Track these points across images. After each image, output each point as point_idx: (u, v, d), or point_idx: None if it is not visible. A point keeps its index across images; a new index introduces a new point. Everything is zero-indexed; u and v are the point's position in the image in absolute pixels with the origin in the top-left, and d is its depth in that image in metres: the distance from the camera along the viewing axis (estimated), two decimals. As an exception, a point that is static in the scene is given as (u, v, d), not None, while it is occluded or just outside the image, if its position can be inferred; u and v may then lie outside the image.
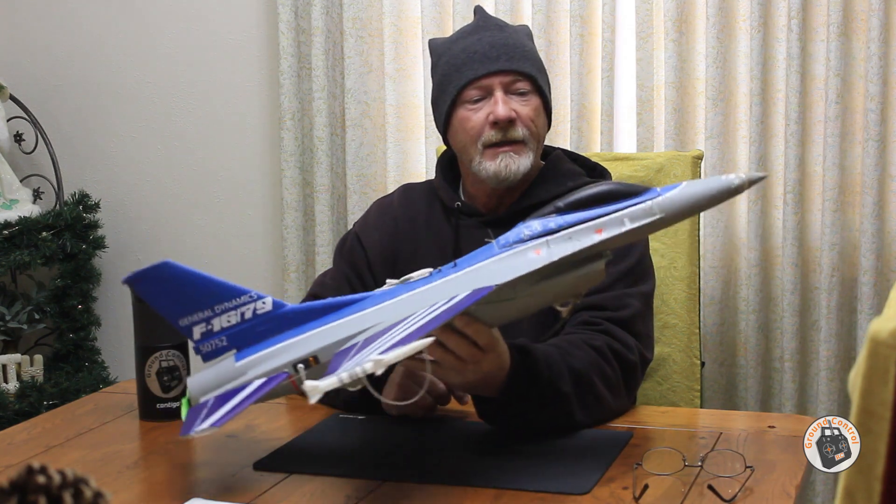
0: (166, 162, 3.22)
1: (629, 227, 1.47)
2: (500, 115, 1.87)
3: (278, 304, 1.53)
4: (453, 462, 1.62)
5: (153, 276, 1.52)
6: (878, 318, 0.91)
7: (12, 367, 2.97)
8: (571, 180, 1.99)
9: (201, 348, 1.53)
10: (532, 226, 1.49)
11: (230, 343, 1.52)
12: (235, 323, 1.52)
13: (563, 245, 1.47)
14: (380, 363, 1.31)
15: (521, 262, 1.48)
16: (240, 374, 1.51)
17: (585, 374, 1.70)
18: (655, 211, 1.46)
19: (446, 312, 1.42)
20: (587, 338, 1.76)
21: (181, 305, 1.52)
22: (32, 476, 0.89)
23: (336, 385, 1.31)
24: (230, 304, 1.52)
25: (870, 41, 2.52)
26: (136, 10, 3.19)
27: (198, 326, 1.52)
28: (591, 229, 1.47)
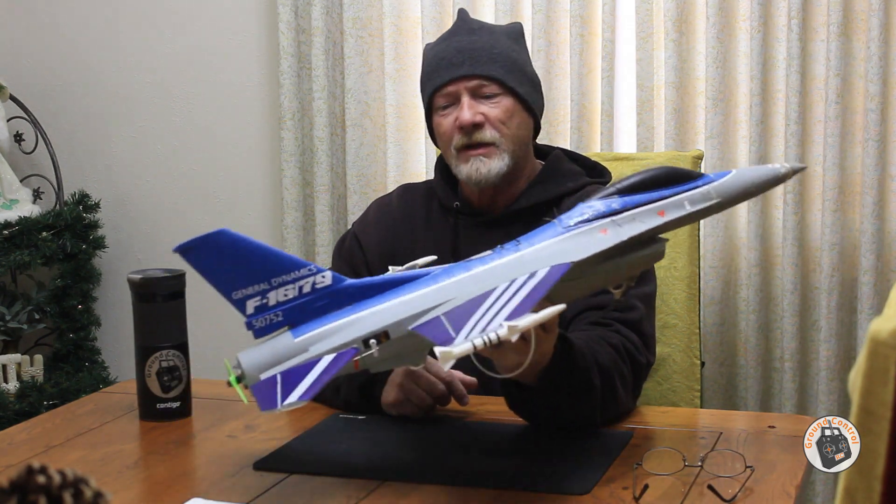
0: (166, 162, 3.22)
1: (689, 209, 1.49)
2: (463, 120, 1.90)
3: (338, 278, 1.45)
4: (453, 462, 1.62)
5: (207, 245, 1.44)
6: (878, 318, 0.91)
7: (12, 367, 2.97)
8: (571, 180, 1.99)
9: (254, 323, 1.44)
10: (594, 206, 1.48)
11: (286, 318, 1.44)
12: (293, 297, 1.43)
13: (630, 226, 1.47)
14: (514, 329, 1.28)
15: (591, 241, 1.46)
16: (300, 351, 1.42)
17: (608, 371, 1.70)
18: (713, 195, 1.49)
19: (541, 287, 1.38)
20: (604, 335, 1.76)
21: (235, 277, 1.43)
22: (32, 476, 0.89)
23: (469, 351, 1.28)
24: (288, 278, 1.43)
25: (870, 41, 2.52)
26: (136, 10, 3.19)
27: (252, 300, 1.43)
28: (654, 211, 1.48)
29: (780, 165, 1.54)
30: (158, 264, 3.06)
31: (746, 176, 1.52)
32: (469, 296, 1.41)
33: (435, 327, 1.38)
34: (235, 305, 1.45)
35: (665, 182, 1.50)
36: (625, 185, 1.50)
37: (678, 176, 1.51)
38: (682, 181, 1.50)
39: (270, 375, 1.41)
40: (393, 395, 1.77)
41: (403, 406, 1.77)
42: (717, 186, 1.50)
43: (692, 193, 1.49)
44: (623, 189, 1.49)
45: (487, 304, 1.37)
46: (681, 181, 1.50)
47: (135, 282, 1.84)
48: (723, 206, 1.51)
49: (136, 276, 1.84)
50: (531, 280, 1.40)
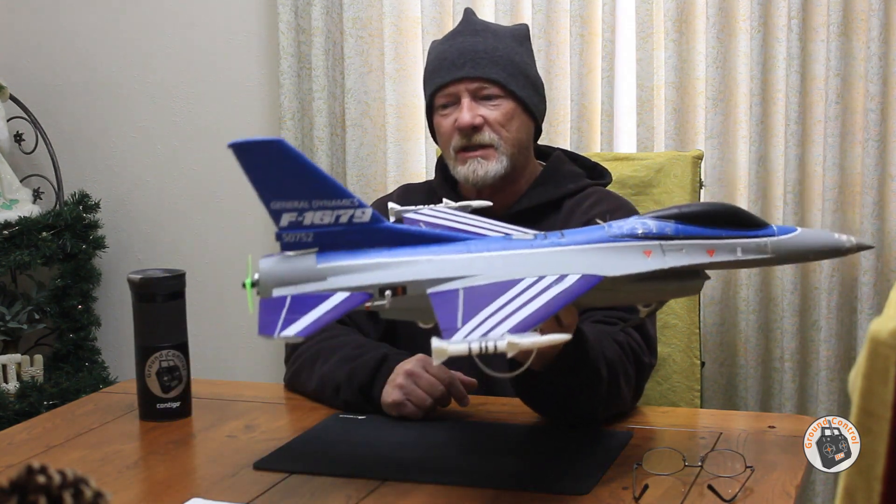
0: (166, 162, 3.22)
1: (739, 257, 1.45)
2: (463, 122, 1.90)
3: (377, 217, 1.44)
4: (453, 462, 1.62)
5: (262, 150, 1.43)
6: (878, 318, 0.91)
7: (12, 367, 2.97)
8: (572, 182, 2.00)
9: (284, 237, 1.43)
10: (647, 224, 1.45)
11: (315, 241, 1.42)
12: (328, 223, 1.42)
13: (675, 255, 1.44)
14: (515, 346, 1.24)
15: (632, 260, 1.43)
16: (319, 278, 1.41)
17: (614, 366, 1.70)
18: (768, 250, 1.45)
19: (564, 297, 1.36)
20: (610, 331, 1.76)
21: (279, 188, 1.42)
22: (32, 476, 0.89)
23: (464, 353, 1.25)
24: (329, 203, 1.42)
25: (870, 41, 2.52)
26: (136, 10, 3.19)
27: (288, 214, 1.42)
28: (704, 248, 1.44)
29: (847, 238, 1.48)
30: (158, 264, 3.08)
31: (808, 239, 1.47)
32: (495, 277, 1.40)
33: (448, 302, 1.36)
34: (271, 214, 1.44)
35: (728, 221, 1.46)
36: (686, 212, 1.46)
37: (742, 219, 1.47)
38: (744, 226, 1.46)
39: (282, 295, 1.40)
40: (393, 396, 1.77)
41: (403, 406, 1.77)
42: (776, 242, 1.45)
43: (748, 242, 1.45)
44: (682, 216, 1.45)
45: (506, 297, 1.35)
46: (743, 226, 1.46)
47: (135, 282, 1.84)
48: (774, 262, 1.48)
49: (136, 276, 1.84)
50: (558, 285, 1.38)
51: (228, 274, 3.16)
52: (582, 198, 1.98)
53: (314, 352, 1.91)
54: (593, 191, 1.99)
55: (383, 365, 1.81)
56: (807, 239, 1.47)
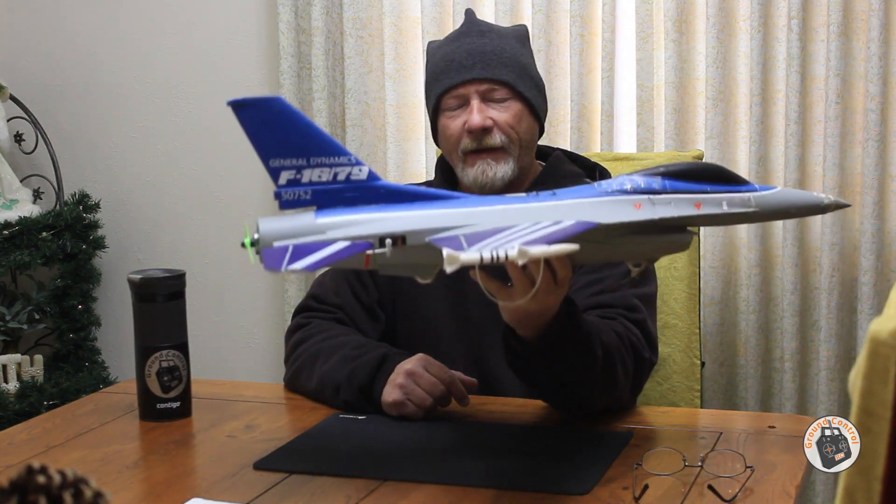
0: (166, 162, 3.22)
1: (725, 210, 1.49)
2: (474, 124, 1.90)
3: (374, 175, 1.46)
4: (453, 462, 1.62)
5: (260, 107, 1.45)
6: (878, 318, 0.91)
7: (12, 367, 2.97)
8: (571, 182, 1.99)
9: (283, 195, 1.45)
10: (636, 180, 1.49)
11: (313, 198, 1.45)
12: (326, 180, 1.45)
13: (664, 207, 1.48)
14: (524, 253, 1.27)
15: (623, 210, 1.47)
16: (318, 232, 1.42)
17: (611, 353, 1.70)
18: (752, 204, 1.50)
19: (562, 231, 1.39)
20: (610, 323, 1.77)
21: (277, 146, 1.44)
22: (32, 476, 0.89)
23: (476, 261, 1.27)
24: (327, 161, 1.44)
25: (870, 41, 2.52)
26: (136, 10, 3.19)
27: (287, 172, 1.44)
28: (692, 202, 1.49)
29: (825, 196, 1.55)
30: (158, 264, 3.08)
31: (789, 195, 1.54)
32: (493, 225, 1.42)
33: (451, 242, 1.38)
34: (270, 172, 1.46)
35: (711, 178, 1.51)
36: (672, 170, 1.50)
37: (726, 176, 1.52)
38: (727, 182, 1.51)
39: (283, 245, 1.42)
40: (393, 396, 1.77)
41: (404, 406, 1.77)
42: (758, 197, 1.51)
43: (732, 196, 1.50)
44: (669, 172, 1.50)
45: (506, 232, 1.38)
46: (726, 182, 1.51)
47: (135, 282, 1.84)
48: (759, 217, 1.53)
49: (136, 276, 1.84)
50: (554, 225, 1.41)
51: (228, 274, 3.16)
52: None
53: (314, 352, 1.91)
54: None
55: (383, 365, 1.81)
56: (788, 195, 1.54)
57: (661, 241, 1.51)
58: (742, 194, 1.50)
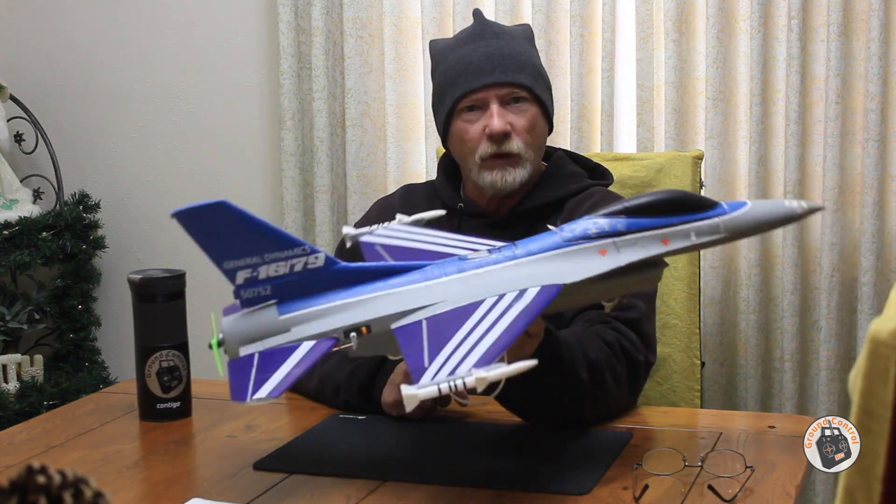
0: (166, 162, 3.22)
1: (694, 241, 1.46)
2: (496, 129, 1.88)
3: (331, 260, 1.45)
4: (453, 462, 1.62)
5: (206, 214, 1.42)
6: (878, 318, 0.91)
7: (12, 367, 2.97)
8: (574, 182, 2.00)
9: (242, 294, 1.44)
10: (599, 224, 1.46)
11: (273, 293, 1.44)
12: (283, 273, 1.43)
13: (630, 251, 1.45)
14: (483, 381, 1.26)
15: (588, 262, 1.45)
16: (283, 329, 1.43)
17: (598, 367, 1.70)
18: (721, 230, 1.46)
19: (525, 317, 1.37)
20: (600, 331, 1.76)
21: (229, 248, 1.43)
22: (32, 476, 0.89)
23: (434, 395, 1.28)
24: (281, 255, 1.43)
25: (870, 41, 2.52)
26: (136, 10, 3.19)
27: (242, 271, 1.43)
28: (658, 238, 1.45)
29: (798, 204, 1.49)
30: (158, 264, 3.08)
31: (760, 211, 1.47)
32: (456, 302, 1.42)
33: (412, 339, 1.38)
34: (225, 274, 1.45)
35: (677, 207, 1.46)
36: (633, 206, 1.47)
37: (691, 203, 1.47)
38: (693, 209, 1.46)
39: (249, 353, 1.42)
40: (393, 396, 1.77)
41: (403, 406, 1.77)
42: (727, 221, 1.46)
43: (700, 225, 1.45)
44: (631, 209, 1.47)
45: (470, 324, 1.37)
46: (692, 209, 1.46)
47: (135, 282, 1.84)
48: (729, 239, 1.48)
49: (136, 276, 1.84)
50: (518, 302, 1.40)
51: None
52: (583, 198, 1.98)
53: (314, 352, 1.91)
54: (595, 191, 1.99)
55: (383, 365, 1.81)
56: (758, 212, 1.47)
57: (630, 281, 1.49)
58: (710, 220, 1.45)
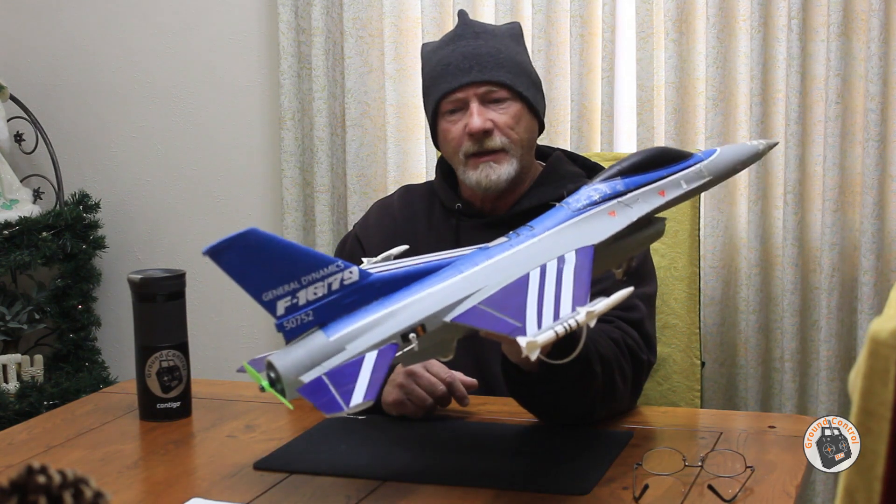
0: (166, 162, 3.22)
1: (686, 188, 1.56)
2: (474, 127, 1.90)
3: (364, 273, 1.42)
4: (453, 462, 1.62)
5: (237, 246, 1.37)
6: (878, 318, 0.91)
7: (12, 367, 2.97)
8: (571, 182, 1.99)
9: (285, 325, 1.38)
10: (600, 188, 1.53)
11: (316, 318, 1.38)
12: (322, 295, 1.38)
13: (635, 206, 1.52)
14: (592, 315, 1.30)
15: (604, 224, 1.50)
16: (337, 350, 1.37)
17: (608, 364, 1.71)
18: (705, 174, 1.57)
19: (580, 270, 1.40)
20: (605, 329, 1.76)
21: (266, 278, 1.37)
22: (32, 476, 0.89)
23: (552, 339, 1.28)
24: (317, 275, 1.38)
25: (870, 41, 2.52)
26: (136, 10, 3.19)
27: (282, 301, 1.37)
28: (655, 191, 1.54)
29: (757, 142, 1.64)
30: (158, 264, 3.08)
31: (731, 153, 1.60)
32: (499, 284, 1.41)
33: (481, 316, 1.37)
34: (266, 307, 1.39)
35: (661, 162, 1.56)
36: (626, 167, 1.54)
37: (671, 156, 1.57)
38: (675, 161, 1.57)
39: (315, 378, 1.36)
40: (393, 396, 1.77)
41: (404, 406, 1.77)
42: (708, 165, 1.57)
43: (687, 172, 1.56)
44: (624, 170, 1.54)
45: (533, 289, 1.37)
46: (674, 161, 1.57)
47: (135, 282, 1.84)
48: (713, 182, 1.59)
49: (136, 276, 1.84)
50: (566, 265, 1.42)
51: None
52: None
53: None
54: None
55: (383, 365, 1.80)
56: (730, 153, 1.61)
57: (639, 238, 1.55)
58: (694, 167, 1.57)
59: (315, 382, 1.35)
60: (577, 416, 1.72)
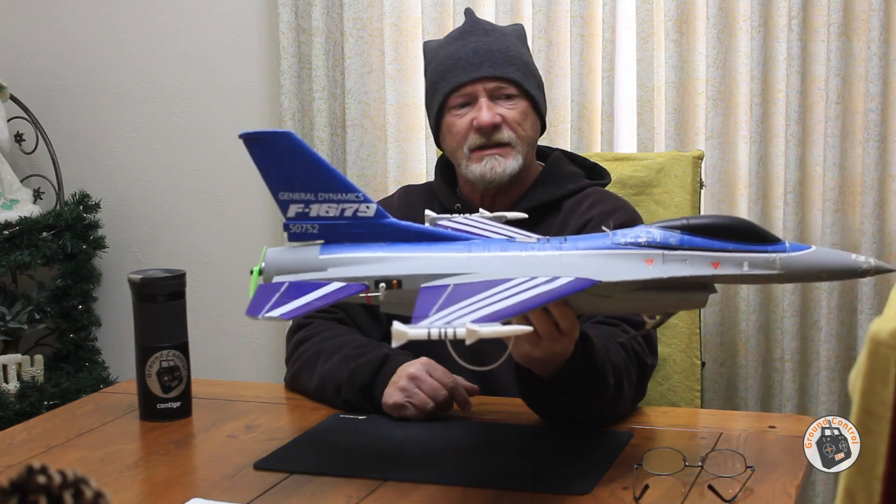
0: (166, 162, 3.22)
1: (746, 271, 1.41)
2: (484, 121, 1.90)
3: (381, 212, 1.49)
4: (453, 462, 1.62)
5: (271, 141, 1.48)
6: (878, 318, 0.91)
7: (12, 368, 2.97)
8: (571, 182, 2.00)
9: (291, 227, 1.50)
10: (652, 233, 1.44)
11: (320, 233, 1.49)
12: (333, 216, 1.48)
13: (677, 265, 1.42)
14: (474, 334, 1.24)
15: (631, 267, 1.42)
16: (320, 268, 1.47)
17: (619, 372, 1.70)
18: (776, 266, 1.41)
19: (545, 295, 1.37)
20: (615, 334, 1.76)
21: (287, 179, 1.48)
22: (33, 476, 0.89)
23: (423, 337, 1.25)
24: (335, 196, 1.48)
25: (870, 41, 2.52)
26: (136, 10, 3.19)
27: (295, 205, 1.48)
28: (709, 260, 1.41)
29: (865, 260, 1.42)
30: (158, 264, 3.08)
31: (822, 258, 1.42)
32: (489, 276, 1.42)
33: (434, 295, 1.38)
34: (279, 204, 1.50)
35: (738, 235, 1.42)
36: (693, 224, 1.43)
37: (753, 233, 1.43)
38: (754, 240, 1.42)
39: (281, 281, 1.46)
40: (395, 398, 1.77)
41: (405, 409, 1.77)
42: (785, 259, 1.41)
43: (755, 257, 1.41)
44: (689, 227, 1.43)
45: (489, 293, 1.37)
46: (753, 240, 1.42)
47: (135, 282, 1.84)
48: (784, 278, 1.44)
49: (137, 276, 1.84)
50: (546, 285, 1.38)
51: (228, 274, 3.16)
52: (581, 198, 1.98)
53: (315, 351, 1.91)
54: (592, 191, 2.00)
55: (385, 365, 1.81)
56: (821, 258, 1.43)
57: (671, 298, 1.46)
58: (768, 254, 1.41)
59: (275, 285, 1.46)
60: (585, 420, 1.72)
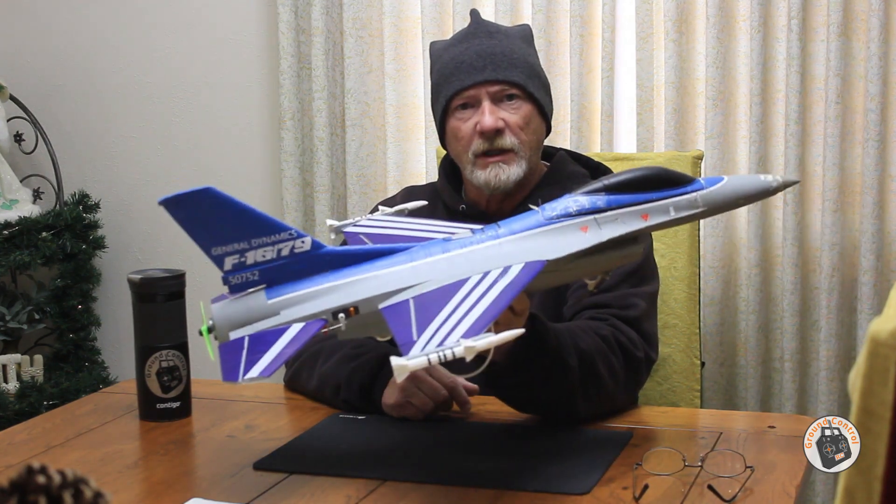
0: (166, 162, 3.22)
1: (673, 216, 1.49)
2: (486, 125, 1.89)
3: (317, 244, 1.47)
4: (453, 462, 1.62)
5: (192, 201, 1.44)
6: (878, 318, 0.91)
7: (12, 367, 2.97)
8: (575, 182, 1.99)
9: (230, 280, 1.46)
10: (579, 201, 1.49)
11: (262, 278, 1.46)
12: (270, 259, 1.45)
13: (611, 226, 1.47)
14: (472, 350, 1.26)
15: (570, 239, 1.47)
16: (272, 313, 1.44)
17: (590, 358, 1.70)
18: (699, 204, 1.49)
19: (511, 289, 1.39)
20: (595, 326, 1.76)
21: (216, 234, 1.45)
22: (32, 476, 0.89)
23: (424, 366, 1.27)
24: (268, 240, 1.45)
25: (870, 41, 2.52)
26: (136, 10, 3.19)
27: (230, 257, 1.45)
28: (638, 214, 1.48)
29: (773, 178, 1.53)
30: (158, 264, 3.08)
31: (737, 186, 1.51)
32: (442, 281, 1.43)
33: (400, 315, 1.39)
34: (214, 261, 1.47)
35: (655, 183, 1.49)
36: (613, 183, 1.49)
37: (669, 179, 1.50)
38: (672, 185, 1.50)
39: (239, 336, 1.44)
40: (394, 398, 1.77)
41: (404, 409, 1.77)
42: (705, 195, 1.49)
43: (679, 200, 1.49)
44: (611, 186, 1.49)
45: (456, 300, 1.38)
46: (671, 185, 1.50)
47: (135, 282, 1.84)
48: (708, 214, 1.52)
49: (136, 276, 1.84)
50: (503, 278, 1.41)
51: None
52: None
53: (314, 351, 1.91)
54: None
55: (384, 365, 1.80)
56: (735, 185, 1.51)
57: (613, 256, 1.51)
58: (689, 195, 1.49)
59: (237, 342, 1.43)
60: (557, 408, 1.71)
